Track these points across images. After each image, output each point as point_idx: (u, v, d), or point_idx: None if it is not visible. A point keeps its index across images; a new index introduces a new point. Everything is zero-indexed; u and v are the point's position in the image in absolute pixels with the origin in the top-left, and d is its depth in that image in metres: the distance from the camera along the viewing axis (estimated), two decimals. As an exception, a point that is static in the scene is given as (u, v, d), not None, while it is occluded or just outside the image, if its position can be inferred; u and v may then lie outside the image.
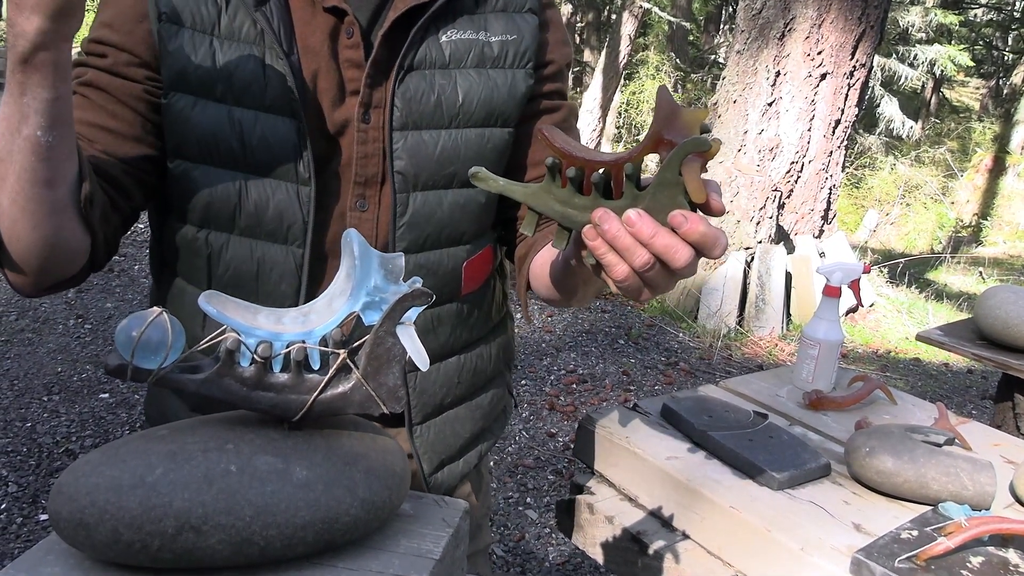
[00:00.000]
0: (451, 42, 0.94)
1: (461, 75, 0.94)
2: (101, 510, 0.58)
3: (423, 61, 0.92)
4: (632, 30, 9.91)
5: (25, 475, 2.71)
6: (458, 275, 1.00)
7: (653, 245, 0.63)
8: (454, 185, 0.96)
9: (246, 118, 0.88)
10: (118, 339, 0.59)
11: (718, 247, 0.63)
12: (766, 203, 5.07)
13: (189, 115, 0.88)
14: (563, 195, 0.69)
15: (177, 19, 0.87)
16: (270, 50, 0.87)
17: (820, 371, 1.48)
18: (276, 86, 0.87)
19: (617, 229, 0.64)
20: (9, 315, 3.91)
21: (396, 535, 0.67)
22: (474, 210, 0.98)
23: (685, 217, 0.62)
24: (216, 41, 0.87)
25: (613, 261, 0.65)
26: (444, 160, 0.94)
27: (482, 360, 1.08)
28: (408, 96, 0.91)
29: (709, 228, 0.63)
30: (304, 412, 0.64)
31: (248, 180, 0.89)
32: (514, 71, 0.98)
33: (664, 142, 0.63)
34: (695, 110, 0.62)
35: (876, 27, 5.19)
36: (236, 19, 0.87)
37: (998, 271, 8.29)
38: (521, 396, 3.70)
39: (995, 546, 0.99)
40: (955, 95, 18.84)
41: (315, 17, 0.90)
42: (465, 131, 0.95)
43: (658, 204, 0.64)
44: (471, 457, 1.10)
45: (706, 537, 1.11)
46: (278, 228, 0.90)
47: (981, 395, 4.41)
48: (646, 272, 0.65)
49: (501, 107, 0.97)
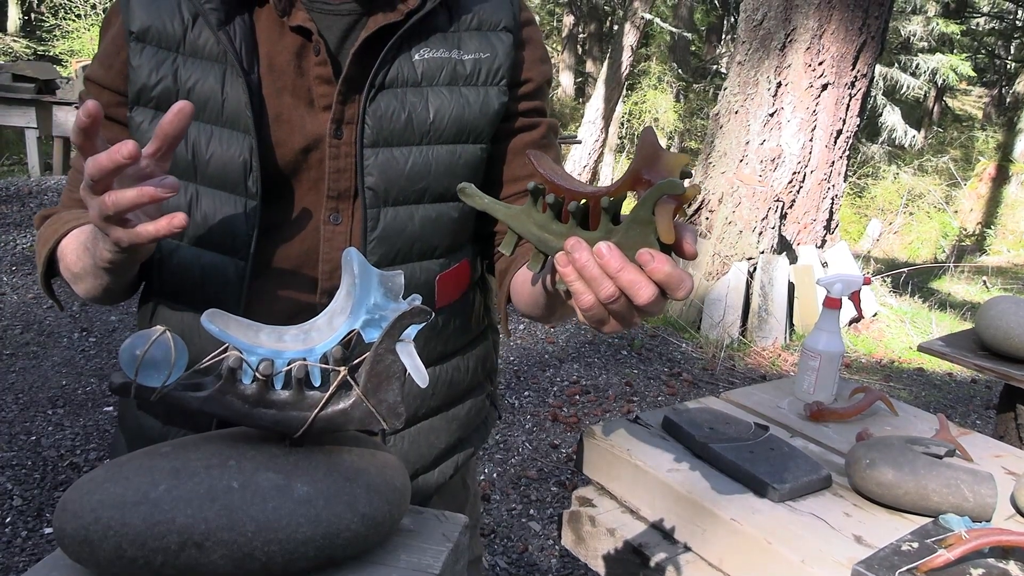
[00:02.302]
0: (423, 60, 0.96)
1: (433, 93, 0.96)
2: (105, 526, 0.59)
3: (395, 79, 0.95)
4: (634, 41, 9.95)
5: (30, 488, 2.71)
6: (431, 288, 1.01)
7: (619, 279, 0.64)
8: (425, 200, 0.98)
9: (202, 132, 0.91)
10: (122, 358, 0.60)
11: (682, 289, 0.64)
12: (768, 213, 5.07)
13: (147, 128, 0.92)
14: (542, 220, 0.71)
15: (143, 37, 0.91)
16: (231, 68, 0.91)
17: (821, 383, 1.48)
18: (232, 103, 0.91)
19: (587, 259, 0.65)
20: (14, 328, 3.93)
21: (396, 550, 0.67)
22: (446, 224, 1.00)
23: (652, 256, 0.63)
24: (180, 58, 0.91)
25: (580, 289, 0.67)
26: (415, 176, 0.96)
27: (459, 372, 1.09)
28: (379, 114, 0.94)
29: (674, 269, 0.64)
30: (305, 429, 0.64)
31: (200, 191, 0.93)
32: (487, 88, 0.99)
33: (643, 181, 0.64)
34: (677, 154, 0.63)
35: (877, 37, 5.21)
36: (200, 37, 0.91)
37: (1002, 280, 8.29)
38: (524, 407, 3.70)
39: (996, 558, 1.00)
40: (958, 104, 18.86)
41: (283, 37, 0.93)
42: (436, 147, 0.97)
43: (630, 240, 0.65)
44: (446, 467, 1.10)
45: (707, 549, 1.11)
46: (224, 239, 0.93)
47: (985, 405, 4.40)
48: (611, 304, 0.66)
49: (473, 124, 0.99)
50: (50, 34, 12.45)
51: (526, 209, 0.71)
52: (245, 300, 0.95)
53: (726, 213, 5.14)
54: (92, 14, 11.95)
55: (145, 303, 1.03)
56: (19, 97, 6.41)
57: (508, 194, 1.06)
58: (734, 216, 5.10)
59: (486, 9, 1.00)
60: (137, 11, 0.91)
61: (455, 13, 0.99)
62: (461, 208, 1.00)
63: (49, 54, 12.25)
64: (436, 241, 1.00)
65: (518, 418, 3.59)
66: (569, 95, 16.81)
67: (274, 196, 0.94)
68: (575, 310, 0.71)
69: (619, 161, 12.32)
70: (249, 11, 0.92)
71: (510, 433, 3.45)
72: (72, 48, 11.74)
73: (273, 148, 0.93)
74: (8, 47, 12.36)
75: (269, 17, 0.93)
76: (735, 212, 5.10)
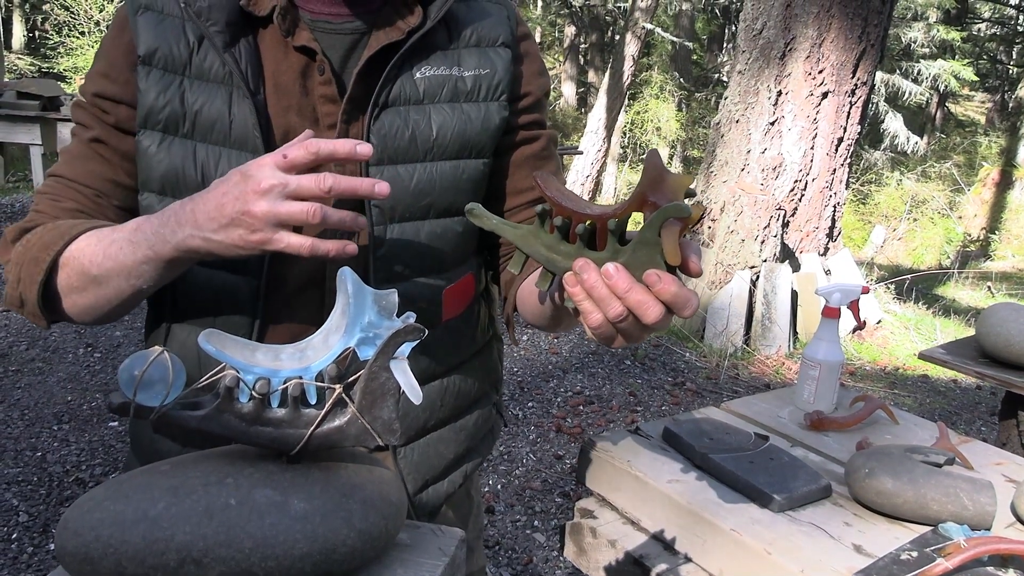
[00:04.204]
0: (425, 78, 0.97)
1: (435, 110, 0.98)
2: (105, 544, 0.60)
3: (398, 98, 0.96)
4: (636, 50, 9.98)
5: (36, 504, 2.72)
6: (438, 303, 1.02)
7: (627, 299, 0.66)
8: (431, 216, 0.99)
9: (211, 154, 0.92)
10: (121, 378, 0.61)
11: (688, 308, 0.66)
12: (770, 222, 5.08)
13: (156, 151, 0.92)
14: (550, 241, 0.72)
15: (150, 60, 0.91)
16: (237, 89, 0.91)
17: (821, 392, 1.48)
18: (240, 124, 0.92)
19: (595, 280, 0.67)
20: (19, 345, 3.95)
21: (393, 565, 0.68)
22: (452, 239, 1.01)
23: (659, 277, 0.65)
24: (186, 81, 0.92)
25: (589, 309, 0.69)
26: (420, 192, 0.97)
27: (466, 383, 1.10)
28: (383, 132, 0.95)
29: (681, 289, 0.65)
30: (302, 446, 0.65)
31: None
32: (487, 104, 1.01)
33: (648, 203, 0.66)
34: (681, 175, 0.65)
35: (877, 45, 5.23)
36: (206, 60, 0.92)
37: (1007, 285, 8.27)
38: (528, 418, 3.70)
39: (995, 566, 1.00)
40: (960, 109, 18.86)
41: (287, 57, 0.94)
42: (440, 163, 0.98)
43: (637, 261, 0.67)
44: (456, 477, 1.11)
45: (708, 560, 1.11)
46: (236, 261, 0.93)
47: (990, 411, 4.39)
48: (619, 323, 0.68)
49: (475, 139, 1.00)
50: (54, 51, 12.54)
51: (534, 230, 0.73)
52: (260, 320, 0.95)
53: (728, 222, 5.14)
54: (96, 31, 12.03)
55: (156, 326, 1.03)
56: (24, 114, 6.45)
57: (512, 206, 1.08)
58: (736, 225, 5.10)
59: (484, 26, 1.02)
60: (143, 34, 0.92)
61: (454, 31, 1.01)
62: (465, 222, 1.01)
63: (53, 71, 12.34)
64: (442, 255, 1.01)
65: (522, 429, 3.59)
66: (571, 105, 16.86)
67: None
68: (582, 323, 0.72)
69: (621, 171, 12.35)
70: (253, 32, 0.94)
71: (514, 444, 3.45)
72: (76, 65, 11.83)
73: None
74: (13, 64, 12.46)
75: (273, 38, 0.94)
76: (737, 221, 5.11)
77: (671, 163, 14.26)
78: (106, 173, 0.95)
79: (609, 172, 11.89)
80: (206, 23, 0.90)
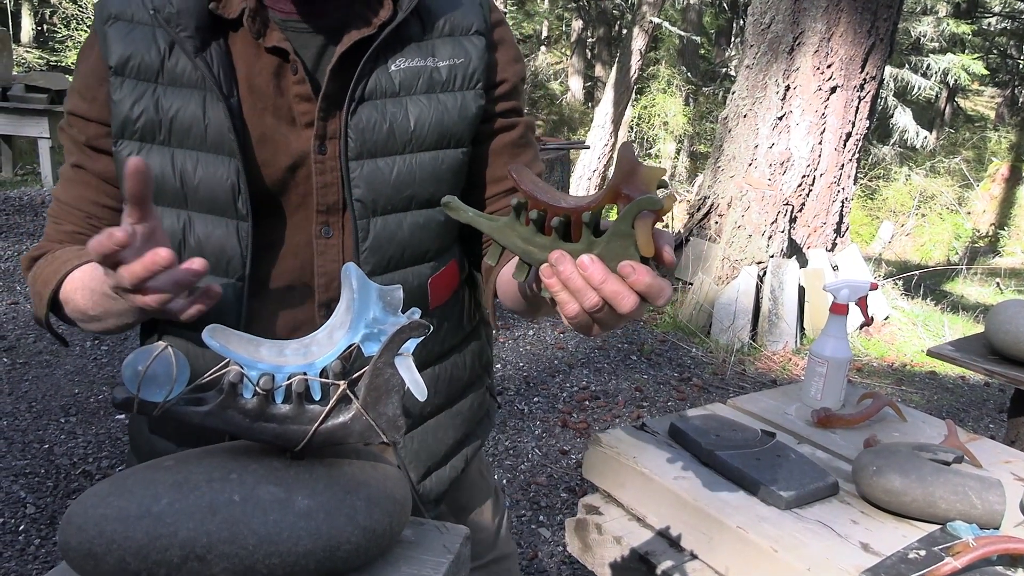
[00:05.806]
0: (400, 71, 0.98)
1: (412, 102, 0.98)
2: (109, 540, 0.60)
3: (374, 91, 0.96)
4: (643, 45, 9.95)
5: (43, 496, 2.73)
6: (424, 292, 1.04)
7: (602, 290, 0.67)
8: (412, 207, 1.00)
9: (188, 159, 0.93)
10: (124, 373, 0.61)
11: (662, 297, 0.67)
12: (778, 217, 5.06)
13: None
14: (525, 233, 0.73)
15: (123, 70, 0.92)
16: (210, 93, 0.92)
17: (828, 389, 1.47)
18: (215, 127, 0.92)
19: (571, 271, 0.68)
20: (27, 337, 3.96)
21: (397, 562, 0.68)
22: (435, 229, 1.02)
23: (633, 268, 0.66)
24: (160, 88, 0.92)
25: (565, 299, 0.69)
26: (400, 185, 0.98)
27: (457, 368, 1.12)
28: (361, 127, 0.95)
29: (655, 280, 0.66)
30: (306, 442, 0.65)
31: (192, 217, 0.95)
32: (463, 93, 1.01)
33: (622, 196, 0.67)
34: (654, 167, 0.66)
35: (886, 40, 5.19)
36: (178, 65, 0.92)
37: (1016, 281, 8.23)
38: (534, 413, 3.70)
39: (1004, 566, 0.99)
40: (970, 104, 18.76)
41: (260, 58, 0.94)
42: (419, 155, 0.99)
43: (611, 252, 0.67)
44: (457, 462, 1.13)
45: (714, 557, 1.11)
46: (219, 262, 0.95)
47: (999, 408, 4.37)
48: (595, 313, 0.69)
49: (453, 129, 1.01)
50: (62, 44, 12.56)
51: (509, 222, 0.73)
52: (245, 320, 0.96)
53: (735, 217, 5.13)
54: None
55: (147, 329, 1.05)
56: (32, 107, 6.45)
57: (492, 193, 1.09)
58: (743, 220, 5.09)
59: (457, 15, 1.02)
60: (113, 45, 0.92)
61: (427, 21, 1.01)
62: None
63: (61, 64, 12.36)
64: (426, 246, 1.02)
65: (528, 424, 3.59)
66: (578, 100, 16.82)
67: (265, 215, 0.96)
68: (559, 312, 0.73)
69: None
70: (224, 36, 0.94)
71: (520, 439, 3.45)
72: (84, 58, 11.80)
73: (259, 168, 0.94)
74: (21, 58, 12.47)
75: (245, 40, 0.94)
76: (744, 216, 5.09)
77: (678, 158, 14.23)
78: (91, 196, 0.98)
79: (616, 167, 11.83)
80: (176, 28, 0.91)
